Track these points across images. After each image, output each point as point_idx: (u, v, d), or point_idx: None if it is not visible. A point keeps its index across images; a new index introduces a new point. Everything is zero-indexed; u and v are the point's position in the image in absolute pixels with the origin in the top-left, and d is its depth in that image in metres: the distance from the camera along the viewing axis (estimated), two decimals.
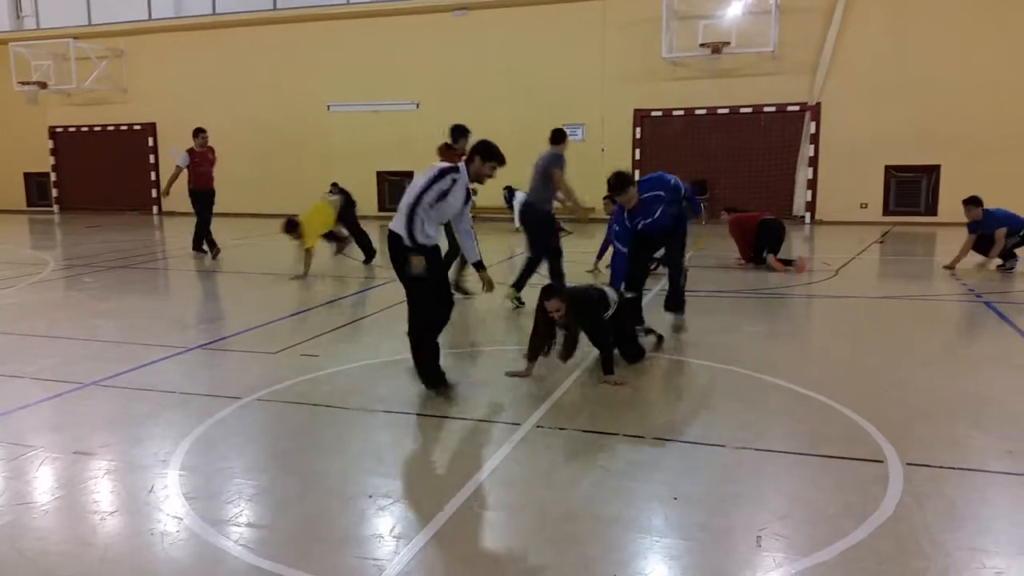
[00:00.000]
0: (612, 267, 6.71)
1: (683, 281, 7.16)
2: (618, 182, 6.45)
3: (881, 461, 3.95)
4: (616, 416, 4.75)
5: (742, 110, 16.98)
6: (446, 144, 8.57)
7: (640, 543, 3.21)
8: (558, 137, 8.29)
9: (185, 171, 12.45)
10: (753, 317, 7.79)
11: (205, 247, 12.50)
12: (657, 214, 6.53)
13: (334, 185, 18.94)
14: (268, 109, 20.13)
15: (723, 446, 4.22)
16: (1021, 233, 10.05)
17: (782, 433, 4.47)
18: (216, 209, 12.86)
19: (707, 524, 3.35)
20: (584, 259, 10.36)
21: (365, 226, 11.78)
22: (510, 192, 15.55)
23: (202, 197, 12.46)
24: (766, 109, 16.87)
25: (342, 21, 19.35)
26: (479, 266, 5.52)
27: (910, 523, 3.30)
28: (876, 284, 10.16)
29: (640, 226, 6.55)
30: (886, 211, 16.64)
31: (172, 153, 12.55)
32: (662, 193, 6.54)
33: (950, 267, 10.05)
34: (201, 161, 12.52)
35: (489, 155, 5.26)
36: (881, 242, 13.48)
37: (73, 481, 3.91)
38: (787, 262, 10.24)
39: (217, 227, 12.75)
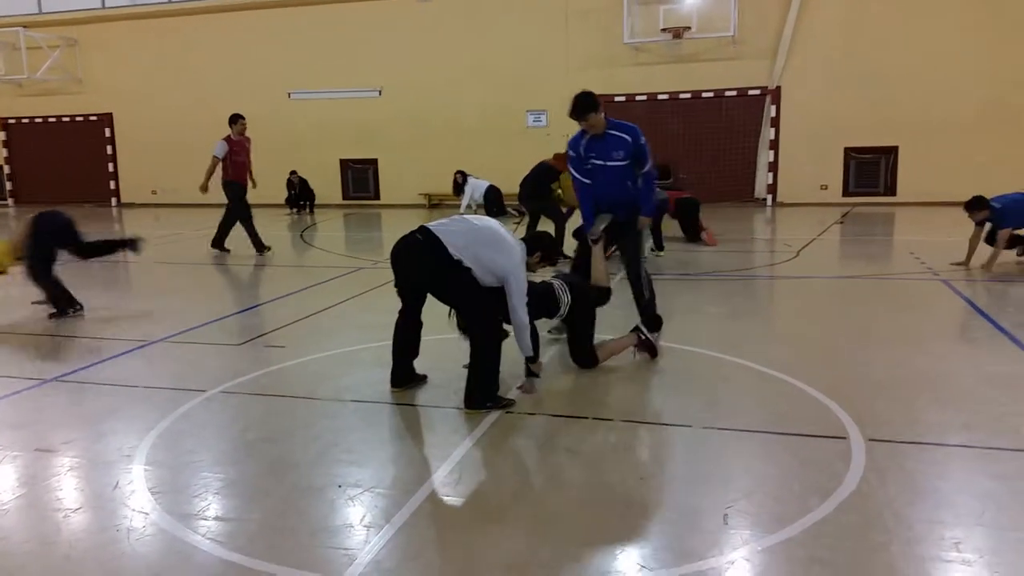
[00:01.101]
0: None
1: (648, 293, 6.12)
2: (586, 102, 5.56)
3: (844, 438, 4.03)
4: (584, 399, 4.79)
5: (704, 95, 17.11)
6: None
7: (609, 524, 3.24)
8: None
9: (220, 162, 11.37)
10: (715, 298, 7.87)
11: (228, 247, 11.47)
12: (609, 164, 5.71)
13: (293, 173, 18.74)
14: (228, 98, 19.73)
15: (689, 426, 4.27)
16: None
17: (747, 412, 4.53)
18: (177, 200, 12.57)
19: (675, 503, 3.40)
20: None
21: (325, 214, 11.64)
22: (463, 177, 15.50)
23: (239, 189, 11.38)
24: (727, 93, 17.02)
25: (303, 8, 19.08)
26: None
27: (873, 498, 3.38)
28: (837, 264, 10.33)
29: (590, 166, 5.77)
30: (846, 192, 16.92)
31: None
32: (628, 139, 5.70)
33: (964, 264, 8.83)
34: (239, 150, 11.42)
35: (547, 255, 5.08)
36: (841, 223, 13.70)
37: (35, 479, 3.83)
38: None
39: (177, 218, 12.52)
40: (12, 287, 9.37)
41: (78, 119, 21.54)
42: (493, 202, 15.09)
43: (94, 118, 21.36)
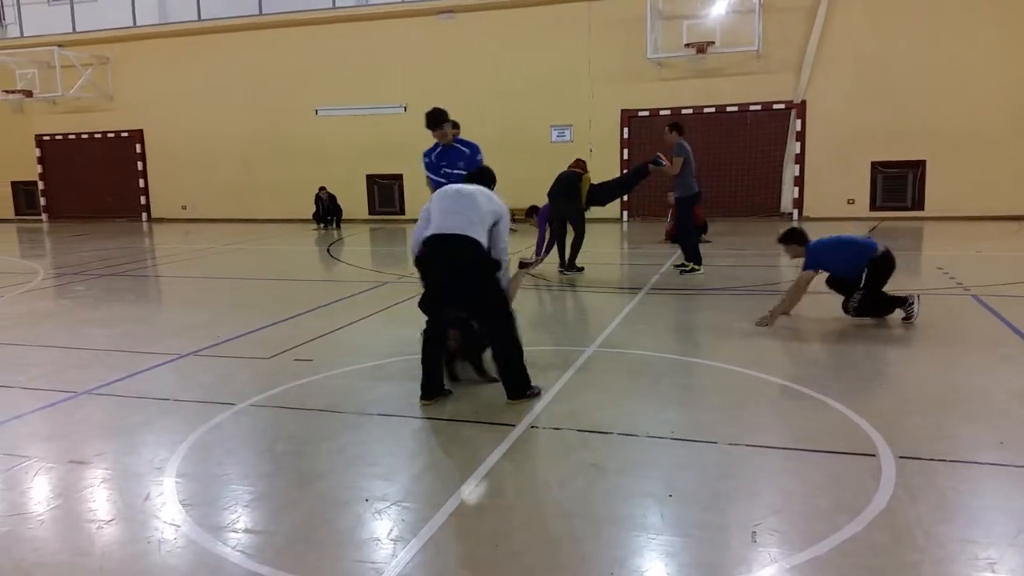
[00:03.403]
0: None
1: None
2: (439, 115, 6.59)
3: (873, 455, 3.99)
4: (609, 415, 4.78)
5: (728, 109, 17.09)
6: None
7: (636, 540, 3.23)
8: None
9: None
10: (741, 313, 7.83)
11: None
12: (454, 172, 6.68)
13: (322, 189, 18.95)
14: (256, 114, 20.11)
15: (715, 442, 4.25)
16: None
17: (774, 428, 4.50)
18: (203, 215, 12.75)
19: (702, 521, 3.38)
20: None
21: (351, 229, 11.75)
22: None
23: None
24: (752, 108, 16.99)
25: (328, 26, 19.35)
26: None
27: (903, 516, 3.34)
28: None
29: (443, 172, 6.76)
30: (873, 206, 16.78)
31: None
32: (467, 152, 6.78)
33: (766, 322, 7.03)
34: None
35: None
36: None
37: (69, 490, 3.90)
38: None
39: (207, 233, 12.70)
40: (43, 300, 9.56)
41: (110, 135, 21.96)
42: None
43: (125, 134, 21.77)
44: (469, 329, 5.40)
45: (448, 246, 4.96)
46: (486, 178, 5.63)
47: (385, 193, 20.00)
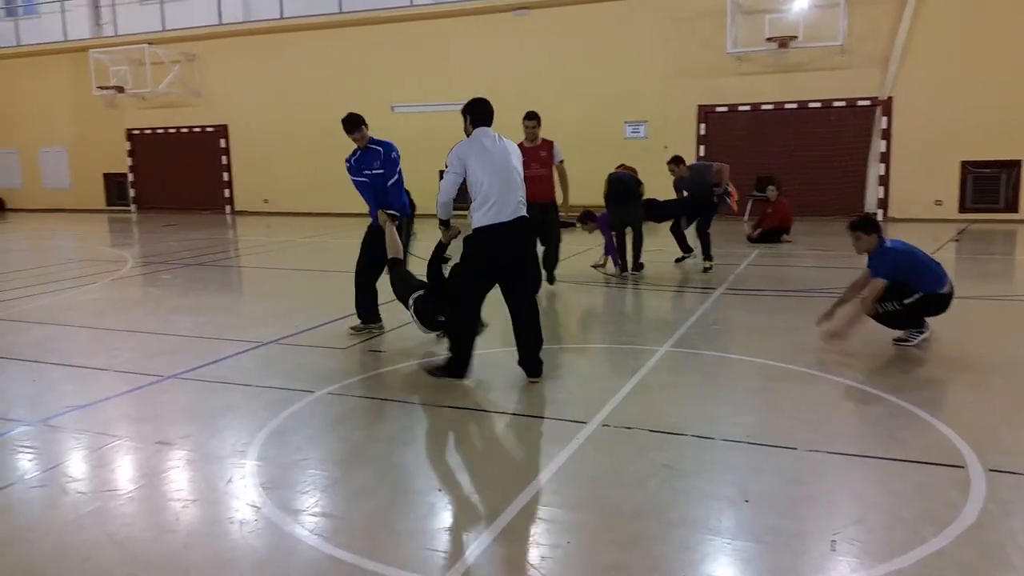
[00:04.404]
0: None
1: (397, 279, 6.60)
2: (355, 119, 6.98)
3: (961, 466, 3.83)
4: (682, 416, 4.72)
5: (810, 105, 16.61)
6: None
7: (710, 544, 3.18)
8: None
9: None
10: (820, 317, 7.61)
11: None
12: (373, 172, 6.98)
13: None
14: (333, 110, 20.29)
15: (794, 448, 4.14)
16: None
17: (855, 435, 4.36)
18: (283, 208, 12.96)
19: (778, 527, 3.30)
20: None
21: (424, 224, 11.86)
22: None
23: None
24: (835, 104, 16.48)
25: (405, 23, 19.60)
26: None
27: (995, 531, 3.19)
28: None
29: (363, 173, 7.06)
30: (962, 208, 16.07)
31: None
32: (381, 151, 6.99)
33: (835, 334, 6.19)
34: (528, 160, 7.84)
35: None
36: (957, 240, 13.03)
37: (155, 470, 4.07)
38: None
39: (288, 227, 13.02)
40: (132, 288, 9.98)
41: (196, 130, 22.75)
42: None
43: (211, 129, 22.52)
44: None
45: (522, 218, 5.32)
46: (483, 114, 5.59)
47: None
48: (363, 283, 7.06)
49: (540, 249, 8.22)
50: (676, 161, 10.50)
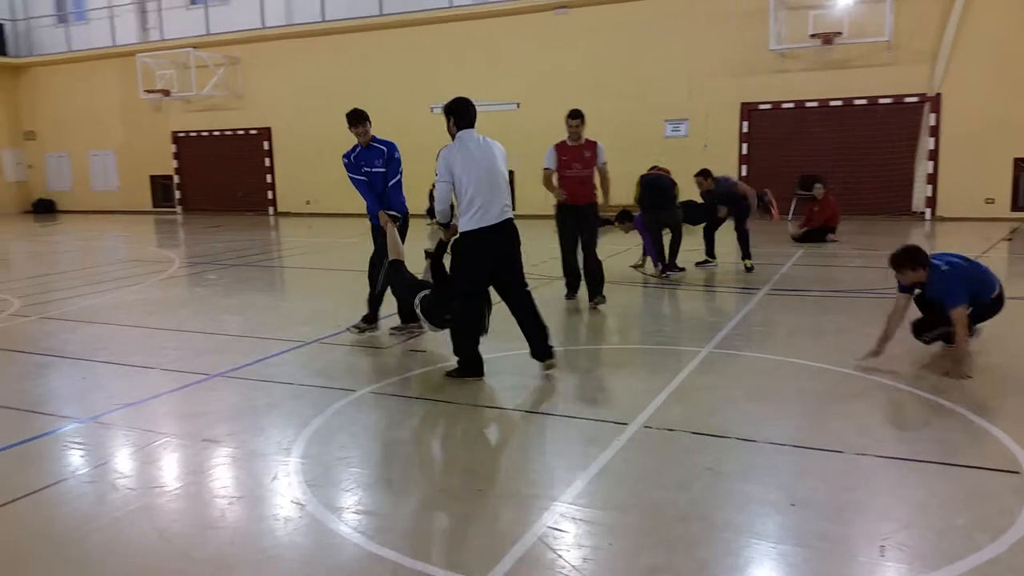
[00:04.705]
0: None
1: (381, 287, 6.96)
2: (360, 114, 7.25)
3: (1016, 472, 3.72)
4: (725, 418, 4.65)
5: (856, 102, 16.31)
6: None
7: (756, 548, 3.13)
8: None
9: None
10: (869, 318, 7.45)
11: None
12: (374, 170, 7.17)
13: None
14: (373, 112, 20.49)
15: (841, 452, 4.06)
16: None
17: (904, 439, 4.27)
18: (325, 209, 13.09)
19: (825, 532, 3.24)
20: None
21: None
22: None
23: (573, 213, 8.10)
24: (881, 101, 16.15)
25: (445, 24, 19.68)
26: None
27: None
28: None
29: (363, 172, 7.22)
30: (1015, 207, 15.64)
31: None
32: (384, 150, 7.18)
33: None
34: (571, 160, 8.15)
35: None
36: (1009, 239, 12.67)
37: (202, 467, 4.14)
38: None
39: (329, 228, 13.14)
40: (179, 288, 10.18)
41: (239, 132, 23.12)
42: None
43: (254, 132, 22.86)
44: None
45: (508, 222, 5.41)
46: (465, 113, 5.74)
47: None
48: (376, 273, 7.21)
49: (580, 257, 8.13)
50: (704, 174, 10.30)
